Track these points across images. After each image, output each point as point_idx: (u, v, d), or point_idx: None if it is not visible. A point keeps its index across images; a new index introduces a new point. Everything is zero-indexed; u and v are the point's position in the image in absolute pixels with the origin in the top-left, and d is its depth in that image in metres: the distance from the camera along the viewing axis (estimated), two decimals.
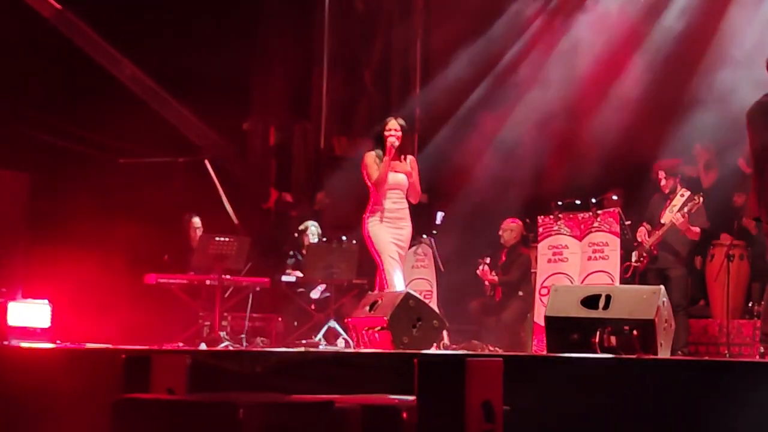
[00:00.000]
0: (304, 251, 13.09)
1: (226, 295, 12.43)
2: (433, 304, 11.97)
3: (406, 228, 10.20)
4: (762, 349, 7.94)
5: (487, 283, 12.45)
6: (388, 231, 10.11)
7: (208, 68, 13.87)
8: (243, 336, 11.98)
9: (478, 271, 12.34)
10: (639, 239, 11.09)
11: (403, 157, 10.19)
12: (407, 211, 10.22)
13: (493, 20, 14.34)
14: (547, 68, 14.02)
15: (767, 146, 7.90)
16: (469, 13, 14.57)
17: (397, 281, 10.08)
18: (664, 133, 12.73)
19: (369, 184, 10.25)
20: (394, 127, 10.15)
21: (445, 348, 11.11)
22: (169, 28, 14.05)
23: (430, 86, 15.14)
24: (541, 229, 11.70)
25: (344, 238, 12.83)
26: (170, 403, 5.63)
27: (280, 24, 15.37)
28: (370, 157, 10.21)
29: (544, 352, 8.76)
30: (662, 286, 8.49)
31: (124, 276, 12.59)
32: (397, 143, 10.09)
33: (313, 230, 13.33)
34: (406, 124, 10.28)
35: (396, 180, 10.14)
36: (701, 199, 10.93)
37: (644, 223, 11.23)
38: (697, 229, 11.04)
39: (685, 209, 10.89)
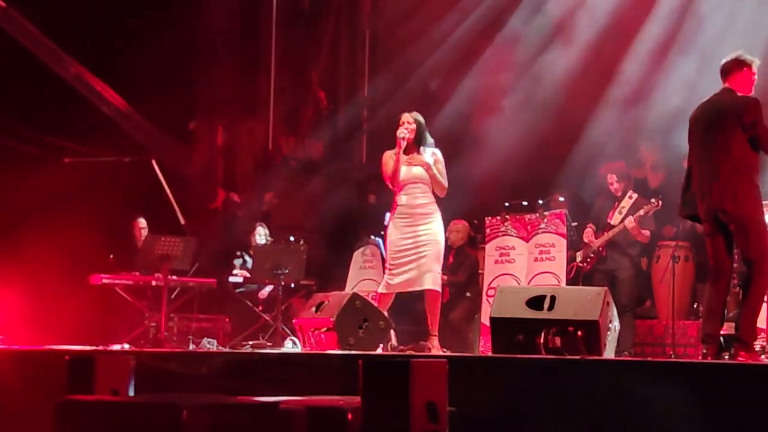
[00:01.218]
0: (251, 252, 13.05)
1: (173, 296, 12.36)
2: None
3: (425, 224, 9.72)
4: (704, 350, 8.00)
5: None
6: (401, 230, 9.73)
7: (154, 67, 13.79)
8: (189, 337, 11.91)
9: None
10: (586, 240, 11.16)
11: (421, 149, 9.75)
12: (431, 206, 9.76)
13: (442, 22, 14.37)
14: (495, 72, 14.07)
15: (708, 148, 7.97)
16: (417, 15, 14.59)
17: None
18: (610, 135, 12.81)
19: (386, 182, 9.89)
20: (406, 119, 9.78)
21: (392, 349, 11.11)
22: (114, 26, 13.95)
23: (378, 86, 15.14)
24: (488, 231, 11.73)
25: (292, 238, 12.79)
26: (114, 404, 5.61)
27: (227, 23, 15.30)
28: (386, 155, 9.83)
29: (490, 353, 8.78)
30: (606, 288, 8.55)
31: (69, 276, 12.47)
32: (407, 134, 9.70)
33: (260, 231, 13.28)
34: (421, 118, 9.87)
35: (412, 174, 9.71)
36: (660, 202, 11.02)
37: (590, 225, 11.30)
38: (647, 232, 11.17)
39: (641, 212, 10.97)
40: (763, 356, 8.49)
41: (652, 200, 11.04)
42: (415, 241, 9.67)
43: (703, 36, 12.64)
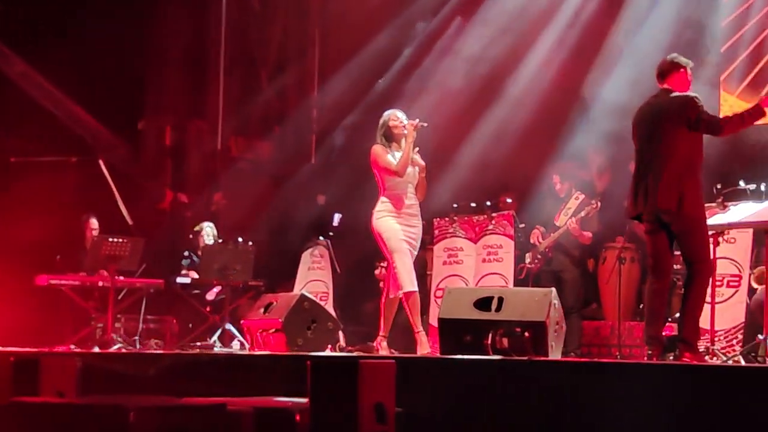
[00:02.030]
0: (199, 252, 13.00)
1: (120, 297, 12.28)
2: (329, 306, 11.96)
3: (418, 226, 9.51)
4: (649, 351, 8.06)
5: (383, 284, 12.46)
6: (405, 228, 9.45)
7: (101, 66, 13.69)
8: (136, 338, 11.85)
9: (375, 273, 12.35)
10: (533, 241, 11.22)
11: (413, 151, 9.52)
12: (418, 208, 9.56)
13: (389, 23, 14.38)
14: (443, 71, 14.10)
15: (653, 149, 8.02)
16: (366, 15, 14.59)
17: (409, 279, 9.38)
18: (558, 136, 12.88)
19: (381, 176, 9.55)
20: (401, 116, 9.54)
21: (341, 350, 11.12)
22: (61, 24, 13.84)
23: (328, 87, 15.13)
24: (436, 232, 11.76)
25: (240, 239, 12.76)
26: (59, 406, 5.57)
27: (176, 22, 15.22)
28: (381, 147, 9.51)
29: (438, 354, 8.81)
30: (554, 288, 8.59)
31: (15, 276, 12.35)
32: (423, 124, 9.49)
33: (208, 231, 13.23)
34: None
35: (410, 172, 9.51)
36: (599, 203, 11.09)
37: (538, 226, 11.36)
38: (589, 234, 11.22)
39: (582, 213, 11.03)
40: (707, 357, 8.57)
41: (593, 202, 11.10)
42: (411, 239, 9.49)
43: (640, 36, 12.77)
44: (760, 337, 8.48)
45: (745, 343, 9.17)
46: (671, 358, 8.24)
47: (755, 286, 9.55)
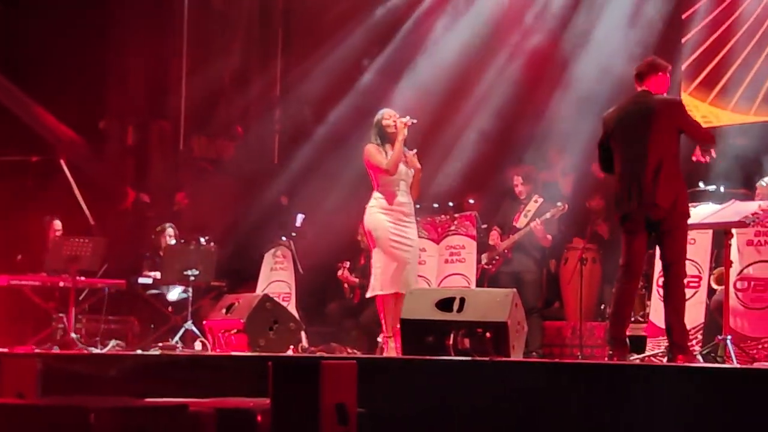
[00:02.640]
0: (161, 253, 12.95)
1: (81, 297, 12.21)
2: (292, 307, 11.95)
3: (411, 225, 9.47)
4: (610, 352, 8.10)
5: (346, 285, 12.48)
6: (391, 225, 9.39)
7: (62, 65, 13.62)
8: (98, 339, 11.79)
9: (338, 274, 12.35)
10: (491, 243, 11.25)
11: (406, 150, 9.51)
12: (412, 207, 9.54)
13: (354, 26, 14.39)
14: (407, 74, 14.13)
15: (640, 149, 8.03)
16: (329, 15, 14.59)
17: (381, 283, 9.34)
18: (520, 138, 12.93)
19: (375, 175, 9.50)
20: (393, 114, 9.49)
21: (303, 350, 11.11)
22: (22, 22, 13.76)
23: (290, 88, 15.12)
24: None
25: (203, 239, 12.72)
26: (19, 407, 5.53)
27: (138, 21, 15.16)
28: (374, 146, 9.46)
29: (399, 355, 8.82)
30: (515, 289, 8.62)
31: None
32: (413, 121, 9.46)
33: (170, 231, 13.18)
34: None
35: (404, 171, 9.48)
36: (566, 206, 11.13)
37: (496, 227, 11.39)
38: (550, 237, 11.26)
39: (548, 215, 11.06)
40: (699, 356, 8.60)
41: (558, 204, 11.13)
42: (409, 241, 9.44)
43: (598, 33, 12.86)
44: (720, 337, 8.54)
45: (704, 343, 9.23)
46: (634, 358, 8.28)
47: (715, 287, 9.62)
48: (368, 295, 9.43)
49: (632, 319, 11.09)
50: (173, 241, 13.00)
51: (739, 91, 12.18)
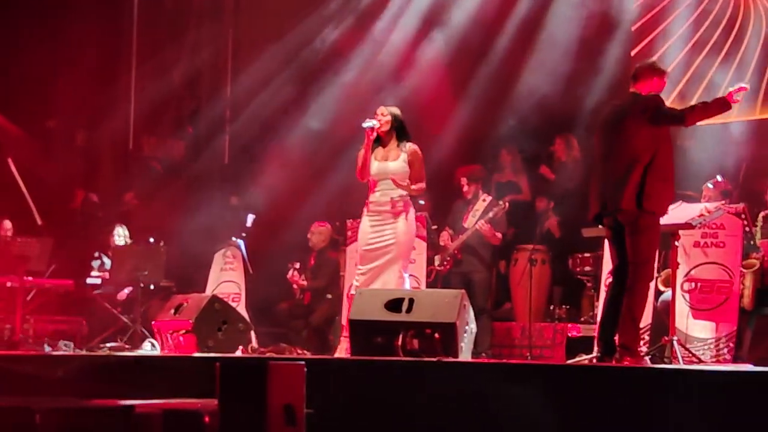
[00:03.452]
0: (110, 253, 12.88)
1: (29, 298, 12.13)
2: (242, 307, 11.92)
3: (392, 224, 9.27)
4: (599, 353, 8.10)
5: (296, 287, 12.47)
6: (370, 228, 9.35)
7: (11, 64, 13.51)
8: (45, 339, 11.70)
9: (288, 276, 12.33)
10: (442, 243, 11.27)
11: (400, 144, 9.36)
12: (394, 206, 9.31)
13: (303, 22, 14.39)
14: (356, 71, 14.14)
15: (613, 150, 8.06)
16: (279, 15, 14.57)
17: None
18: (472, 138, 12.97)
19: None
20: (380, 111, 9.40)
21: (253, 351, 11.09)
22: None
23: (241, 87, 15.08)
24: (350, 233, 11.75)
25: (152, 239, 12.66)
26: None
27: (87, 20, 15.05)
28: (360, 152, 9.47)
29: (348, 355, 8.83)
30: (464, 290, 8.64)
31: None
32: (374, 124, 9.31)
33: (120, 232, 13.12)
34: (398, 111, 9.46)
35: (381, 169, 9.34)
36: (506, 204, 11.16)
37: (447, 228, 11.43)
38: (500, 235, 11.29)
39: (490, 214, 11.10)
40: (646, 358, 8.66)
41: (500, 203, 11.16)
42: (381, 241, 9.32)
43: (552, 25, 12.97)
44: (666, 338, 8.61)
45: (652, 344, 9.31)
46: (582, 359, 8.32)
47: (662, 288, 9.70)
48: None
49: (582, 319, 11.22)
50: (122, 242, 12.94)
51: (677, 90, 12.31)
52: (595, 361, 8.26)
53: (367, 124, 9.39)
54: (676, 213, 8.75)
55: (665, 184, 8.01)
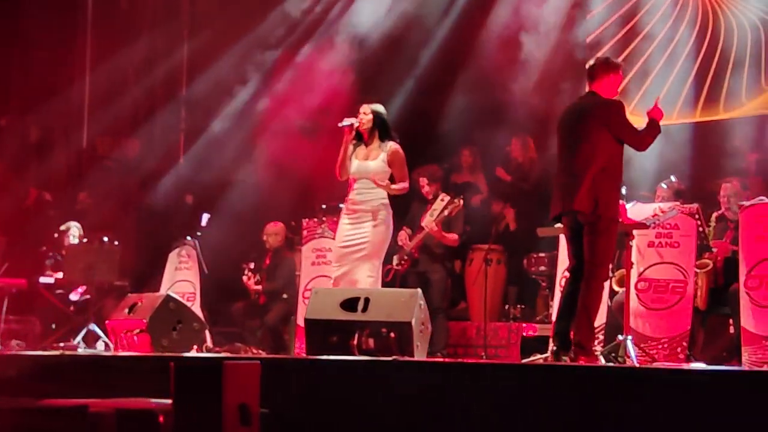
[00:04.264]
0: (63, 252, 12.79)
1: None
2: (196, 306, 11.88)
3: (368, 223, 9.24)
4: (554, 347, 8.12)
5: (252, 291, 12.42)
6: (346, 227, 9.30)
7: None
8: None
9: (243, 278, 12.27)
10: (400, 243, 11.26)
11: (382, 143, 9.32)
12: (377, 203, 9.28)
13: (260, 21, 14.35)
14: (311, 70, 14.13)
15: (572, 152, 8.09)
16: (235, 14, 14.53)
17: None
18: (430, 137, 12.98)
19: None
20: (363, 110, 9.34)
21: (208, 350, 11.06)
22: None
23: (196, 86, 15.02)
24: (305, 232, 11.75)
25: (106, 239, 12.59)
26: None
27: (42, 18, 14.96)
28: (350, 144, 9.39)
29: (303, 355, 8.81)
30: (419, 289, 8.64)
31: None
32: (353, 122, 9.29)
33: (74, 231, 13.04)
34: (382, 109, 9.40)
35: (361, 168, 9.30)
36: (461, 202, 11.16)
37: (405, 228, 11.42)
38: (454, 236, 11.21)
39: (446, 212, 11.07)
40: (600, 357, 8.70)
41: (455, 201, 11.14)
42: (356, 239, 9.29)
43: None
44: (620, 337, 8.65)
45: (606, 343, 9.35)
46: (565, 359, 8.35)
47: (616, 288, 9.75)
48: None
49: (537, 319, 11.27)
50: (76, 241, 12.86)
51: (637, 97, 12.39)
52: (550, 359, 8.28)
53: (344, 123, 9.39)
54: (631, 213, 8.80)
55: (617, 187, 8.08)
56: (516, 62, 12.65)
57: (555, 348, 8.13)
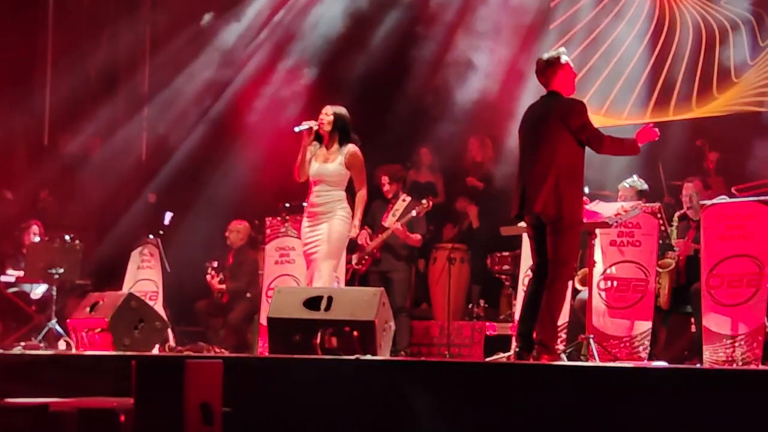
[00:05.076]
0: (24, 250, 12.71)
1: None
2: (159, 305, 11.82)
3: (324, 224, 9.23)
4: (517, 348, 8.11)
5: (216, 291, 12.38)
6: (306, 228, 9.32)
7: None
8: None
9: (207, 277, 12.24)
10: (360, 242, 11.25)
11: (341, 147, 9.32)
12: (333, 204, 9.26)
13: (222, 24, 14.35)
14: (276, 68, 14.14)
15: (534, 152, 8.10)
16: (195, 12, 14.50)
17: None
18: (389, 137, 12.99)
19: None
20: (324, 112, 9.33)
21: (171, 349, 11.02)
22: None
23: (158, 83, 14.97)
24: (268, 231, 11.71)
25: (68, 237, 12.52)
26: None
27: (2, 14, 14.83)
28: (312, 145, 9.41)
29: (266, 354, 8.80)
30: (383, 288, 8.64)
31: None
32: (311, 125, 9.29)
33: (35, 229, 12.96)
34: (344, 112, 9.39)
35: (320, 171, 9.30)
36: (430, 203, 11.17)
37: (366, 227, 11.41)
38: (418, 236, 11.23)
39: (413, 213, 11.08)
40: (563, 355, 8.73)
41: (423, 201, 11.16)
42: (314, 240, 9.29)
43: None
44: (583, 336, 8.69)
45: (569, 342, 9.39)
46: (499, 357, 8.35)
47: (579, 288, 9.78)
48: None
49: (500, 318, 11.30)
50: (37, 239, 12.79)
51: (611, 96, 12.45)
52: (513, 358, 8.30)
53: (302, 126, 9.39)
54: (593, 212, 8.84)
55: (579, 188, 8.10)
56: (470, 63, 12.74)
57: (518, 348, 8.14)
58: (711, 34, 12.07)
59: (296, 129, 9.42)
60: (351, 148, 9.33)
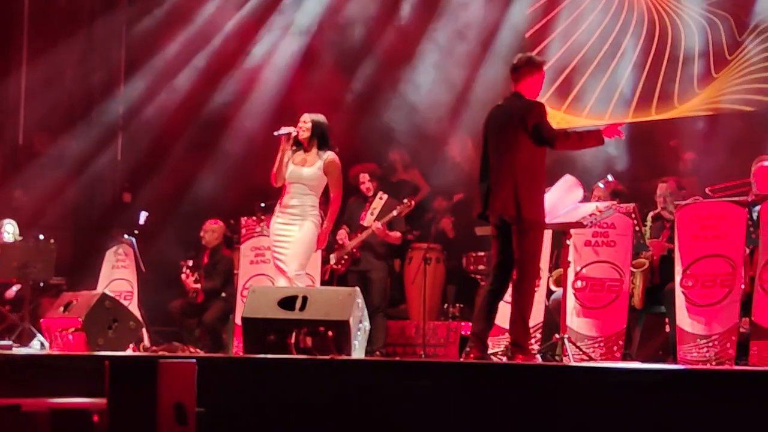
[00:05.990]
0: None
1: None
2: (134, 305, 11.79)
3: (295, 226, 9.30)
4: (468, 349, 8.13)
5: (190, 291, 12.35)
6: (276, 228, 9.39)
7: None
8: None
9: (182, 276, 12.20)
10: (339, 242, 11.24)
11: (319, 153, 9.40)
12: (306, 208, 9.34)
13: (197, 17, 14.32)
14: (256, 68, 14.13)
15: (497, 154, 8.12)
16: (174, 11, 14.47)
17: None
18: (365, 135, 12.99)
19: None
20: (303, 119, 9.45)
21: (145, 350, 10.98)
22: None
23: (134, 83, 14.92)
24: (243, 231, 11.70)
25: (42, 236, 12.47)
26: None
27: None
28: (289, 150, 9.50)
29: (241, 354, 8.78)
30: (358, 288, 8.65)
31: None
32: (292, 132, 9.40)
33: (9, 228, 12.90)
34: (322, 119, 9.49)
35: (296, 173, 9.36)
36: (413, 202, 11.19)
37: (344, 226, 11.40)
38: (398, 234, 11.26)
39: (395, 212, 11.09)
40: (538, 355, 8.72)
41: (405, 201, 11.17)
42: (284, 241, 9.34)
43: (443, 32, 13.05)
44: (557, 336, 8.71)
45: (543, 342, 9.41)
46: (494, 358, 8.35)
47: (553, 288, 9.81)
48: None
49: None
50: (11, 238, 12.73)
51: (593, 97, 12.47)
52: (463, 358, 8.29)
53: (281, 131, 9.47)
54: (568, 212, 8.85)
55: (540, 189, 8.13)
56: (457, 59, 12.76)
57: (468, 348, 8.12)
58: (689, 31, 12.09)
59: (275, 133, 9.52)
60: (330, 155, 9.42)
